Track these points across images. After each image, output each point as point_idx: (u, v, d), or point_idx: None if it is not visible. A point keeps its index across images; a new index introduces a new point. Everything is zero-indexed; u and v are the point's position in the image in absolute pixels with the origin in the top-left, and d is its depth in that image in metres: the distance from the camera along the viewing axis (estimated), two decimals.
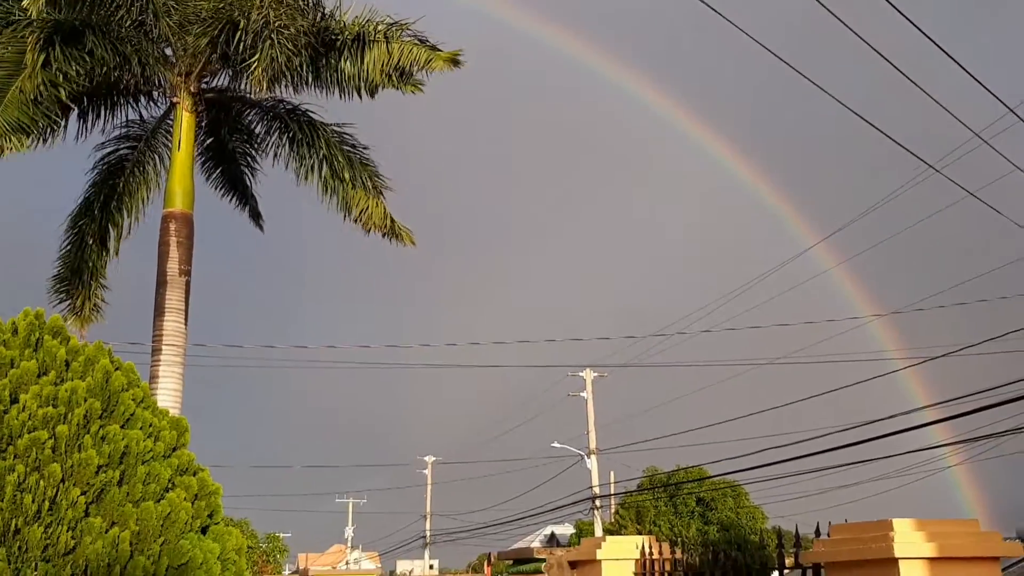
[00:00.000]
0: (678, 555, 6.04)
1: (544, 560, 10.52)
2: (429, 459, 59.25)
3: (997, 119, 14.08)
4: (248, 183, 19.17)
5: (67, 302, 16.71)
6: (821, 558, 4.31)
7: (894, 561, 3.80)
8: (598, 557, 6.31)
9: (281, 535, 63.91)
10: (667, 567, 6.06)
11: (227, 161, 18.88)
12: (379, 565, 73.26)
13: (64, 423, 7.59)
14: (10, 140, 13.73)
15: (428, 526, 57.99)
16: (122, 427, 7.94)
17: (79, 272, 16.72)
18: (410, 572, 57.80)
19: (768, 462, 26.34)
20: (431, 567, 63.50)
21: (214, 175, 18.97)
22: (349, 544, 72.48)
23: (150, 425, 8.16)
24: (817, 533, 4.64)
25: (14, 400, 7.69)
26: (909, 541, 3.82)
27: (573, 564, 6.75)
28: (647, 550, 6.20)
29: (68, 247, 16.88)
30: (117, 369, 8.24)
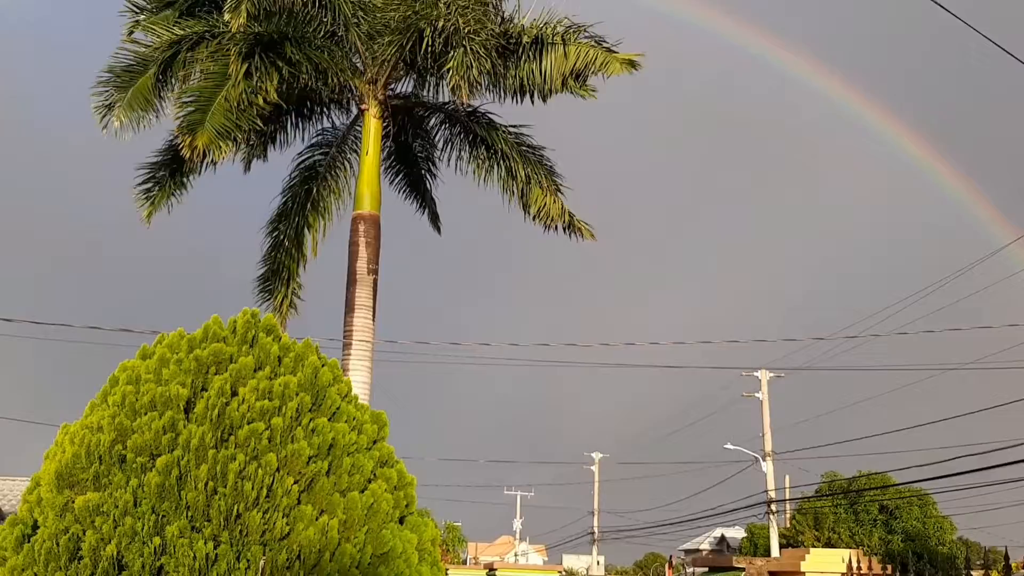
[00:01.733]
0: (887, 571, 5.82)
1: (743, 569, 10.28)
2: (597, 456, 59.27)
3: None
4: (428, 187, 19.78)
5: (269, 301, 17.76)
6: None
7: None
8: (803, 569, 6.15)
9: (457, 525, 65.61)
10: None
11: (409, 165, 19.55)
12: (546, 558, 73.97)
13: (279, 415, 8.10)
14: (218, 146, 14.71)
15: (596, 522, 58.03)
16: (329, 420, 8.40)
17: (278, 272, 17.75)
18: (587, 569, 58.03)
19: (958, 471, 24.85)
20: (598, 563, 63.55)
21: (397, 179, 19.68)
22: (517, 536, 73.57)
23: (354, 419, 8.59)
24: None
25: (234, 393, 8.28)
26: None
27: (774, 575, 6.60)
28: (855, 564, 6.00)
29: (269, 249, 17.96)
30: (324, 365, 8.72)
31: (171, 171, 16.73)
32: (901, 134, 49.53)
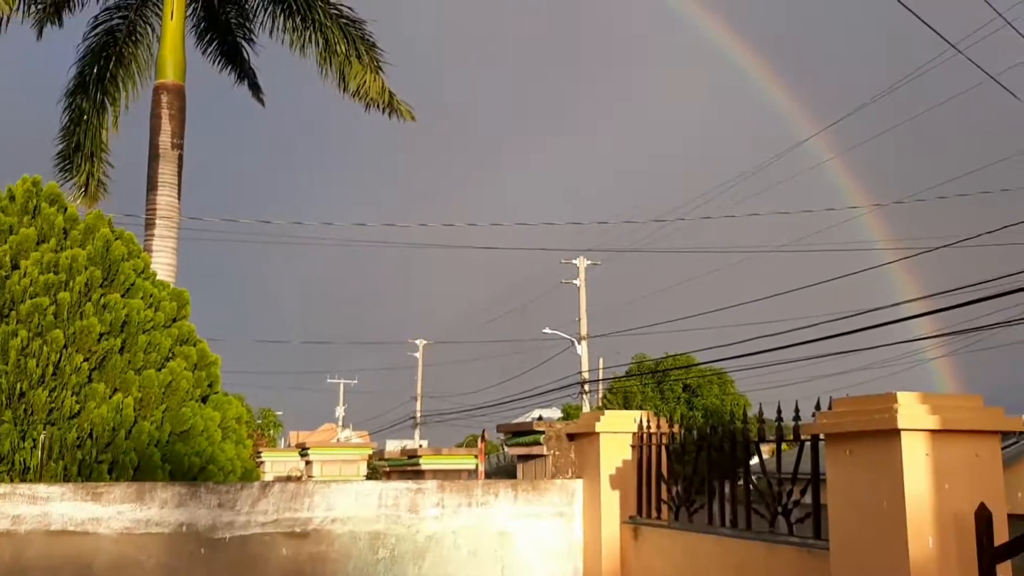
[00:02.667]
0: (675, 429, 6.15)
1: (543, 432, 10.71)
2: (420, 342, 59.92)
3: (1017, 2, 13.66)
4: (246, 56, 18.64)
5: (72, 180, 16.44)
6: (822, 430, 4.38)
7: (896, 432, 3.87)
8: (597, 430, 6.42)
9: (274, 412, 65.12)
10: (664, 440, 6.18)
11: (223, 32, 18.30)
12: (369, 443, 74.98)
13: (66, 290, 7.59)
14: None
15: (419, 407, 59.12)
16: (123, 296, 7.94)
17: (80, 148, 16.40)
18: (402, 448, 59.34)
19: (755, 351, 26.77)
20: (420, 447, 65.03)
21: (211, 48, 18.43)
22: (340, 423, 74.00)
23: (151, 296, 8.17)
24: (818, 407, 4.71)
25: (15, 266, 7.67)
26: (912, 413, 3.88)
27: (571, 436, 6.88)
28: (644, 424, 6.30)
29: (67, 123, 16.52)
30: (117, 239, 8.19)
31: None
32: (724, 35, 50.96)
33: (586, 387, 37.58)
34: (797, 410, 4.98)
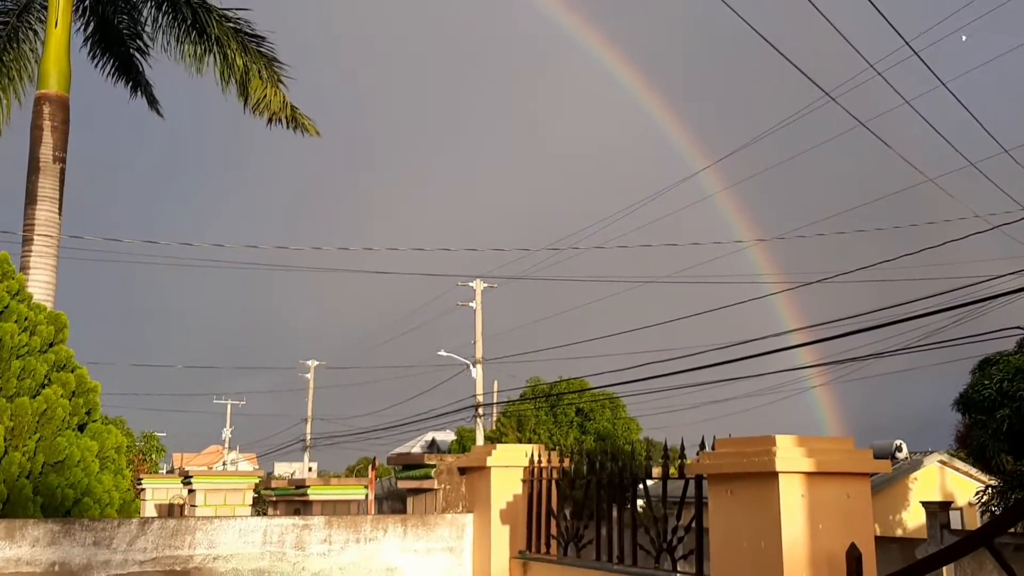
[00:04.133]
0: (565, 464, 6.22)
1: (434, 466, 10.65)
2: (312, 363, 58.89)
3: (891, 52, 14.43)
4: (141, 68, 18.10)
5: None
6: (705, 470, 4.50)
7: (775, 475, 4.02)
8: (488, 464, 6.43)
9: (157, 435, 62.82)
10: (554, 475, 6.24)
11: (116, 44, 17.73)
12: (256, 467, 73.06)
13: None
14: None
15: (309, 429, 58.00)
16: None
17: None
18: (292, 474, 58.01)
19: (646, 376, 27.32)
20: (310, 470, 63.73)
21: (104, 59, 17.83)
22: (227, 445, 71.91)
23: (26, 319, 7.80)
24: (702, 446, 4.83)
25: None
26: (790, 456, 4.03)
27: (463, 470, 6.86)
28: (536, 458, 6.35)
29: None
30: None
31: None
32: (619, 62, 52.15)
33: (480, 410, 37.58)
34: (683, 448, 5.12)
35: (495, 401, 40.88)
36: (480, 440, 36.82)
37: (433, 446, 63.75)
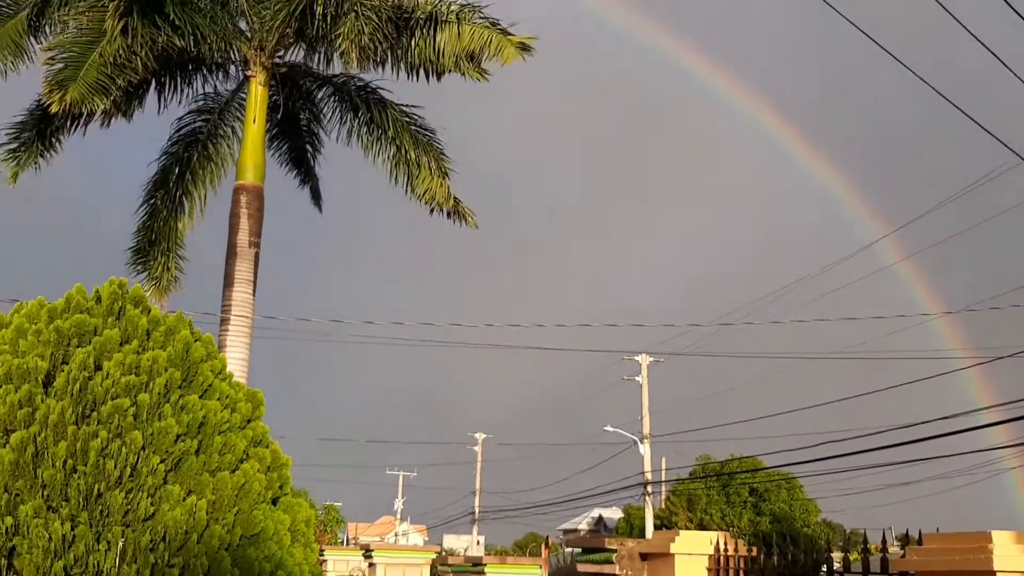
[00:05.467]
0: (753, 552, 5.98)
1: (615, 551, 10.55)
2: (480, 436, 59.62)
3: None
4: (312, 162, 19.34)
5: (144, 273, 17.05)
6: (913, 567, 4.22)
7: (992, 574, 3.71)
8: (672, 551, 6.26)
9: (335, 505, 64.95)
10: (742, 564, 6.00)
11: (294, 138, 19.05)
12: (427, 538, 74.11)
13: (145, 391, 7.75)
14: (91, 100, 14.01)
15: (477, 502, 58.43)
16: (200, 397, 8.08)
17: (156, 243, 17.05)
18: (465, 549, 58.45)
19: (825, 456, 26.00)
20: (478, 543, 64.02)
21: (281, 151, 19.17)
22: (398, 516, 73.41)
23: (227, 396, 8.30)
24: (906, 538, 4.55)
25: (98, 367, 7.88)
26: (1009, 554, 3.72)
27: (644, 556, 6.72)
28: (722, 546, 6.14)
29: (145, 218, 17.22)
30: (197, 340, 8.39)
31: (38, 131, 15.83)
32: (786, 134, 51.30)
33: (649, 488, 36.80)
34: (884, 541, 4.82)
35: (664, 480, 39.96)
36: (649, 520, 35.98)
37: (600, 523, 62.75)
